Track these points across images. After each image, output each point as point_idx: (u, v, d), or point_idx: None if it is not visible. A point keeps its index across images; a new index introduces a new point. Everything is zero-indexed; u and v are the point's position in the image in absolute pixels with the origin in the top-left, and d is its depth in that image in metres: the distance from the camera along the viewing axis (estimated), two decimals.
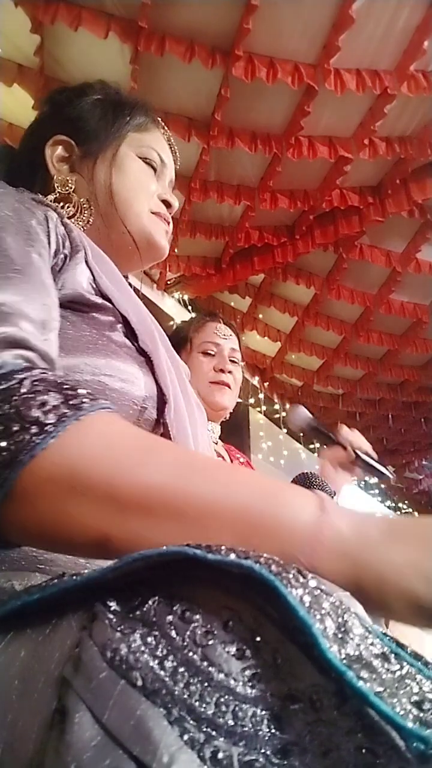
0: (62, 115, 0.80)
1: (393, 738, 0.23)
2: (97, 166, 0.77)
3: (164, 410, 0.61)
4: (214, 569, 0.29)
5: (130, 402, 0.58)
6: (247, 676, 0.26)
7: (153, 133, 0.84)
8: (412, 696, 0.25)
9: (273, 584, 0.27)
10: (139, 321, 0.66)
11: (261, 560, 0.29)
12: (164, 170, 0.84)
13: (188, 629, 0.27)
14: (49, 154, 0.77)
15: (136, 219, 0.77)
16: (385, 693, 0.24)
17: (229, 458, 1.53)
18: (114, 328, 0.64)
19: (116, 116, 0.80)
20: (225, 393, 1.46)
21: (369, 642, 0.27)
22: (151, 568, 0.31)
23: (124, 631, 0.28)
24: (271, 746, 0.24)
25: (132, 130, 0.80)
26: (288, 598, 0.26)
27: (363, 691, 0.24)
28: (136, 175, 0.79)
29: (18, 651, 0.34)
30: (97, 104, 0.81)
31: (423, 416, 5.60)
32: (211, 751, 0.24)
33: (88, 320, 0.62)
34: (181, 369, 0.74)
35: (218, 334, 1.50)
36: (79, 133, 0.78)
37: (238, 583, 0.29)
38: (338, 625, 0.27)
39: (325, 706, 0.24)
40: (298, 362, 5.06)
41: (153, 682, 0.25)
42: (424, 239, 3.54)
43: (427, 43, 2.43)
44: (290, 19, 2.34)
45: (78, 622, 0.32)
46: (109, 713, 0.25)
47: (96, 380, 0.56)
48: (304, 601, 0.27)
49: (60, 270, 0.62)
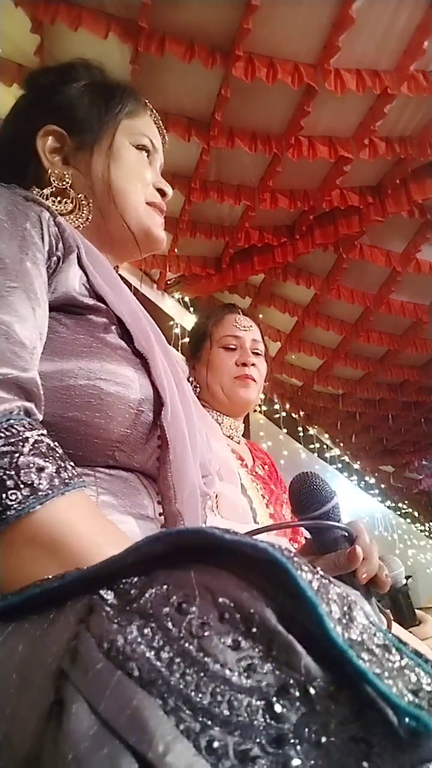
0: (50, 102, 0.77)
1: (387, 724, 0.24)
2: (93, 158, 0.75)
3: (161, 412, 0.61)
4: (226, 551, 0.29)
5: (126, 406, 0.58)
6: (243, 666, 0.26)
7: (144, 118, 0.82)
8: (409, 684, 0.26)
9: (285, 566, 0.27)
10: (134, 322, 0.66)
11: (274, 545, 0.29)
12: (156, 155, 0.83)
13: (184, 621, 0.27)
14: (41, 146, 0.75)
15: (134, 212, 0.77)
16: (384, 675, 0.25)
17: (252, 457, 1.46)
18: (108, 330, 0.63)
19: (108, 104, 0.78)
20: (250, 387, 1.40)
21: (372, 632, 0.27)
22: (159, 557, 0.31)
23: (121, 622, 0.28)
24: (266, 735, 0.24)
25: (124, 118, 0.79)
26: (298, 580, 0.27)
27: (362, 669, 0.24)
28: (133, 166, 0.78)
29: (16, 645, 0.34)
30: (86, 90, 0.78)
31: (423, 416, 5.60)
32: (207, 740, 0.24)
33: (82, 322, 0.62)
34: (178, 369, 0.73)
35: (238, 326, 1.44)
36: (70, 123, 0.76)
37: (246, 569, 0.29)
38: (343, 612, 0.27)
39: (320, 695, 0.25)
40: (298, 362, 5.06)
41: (149, 672, 0.26)
42: (424, 239, 3.54)
43: (427, 43, 2.43)
44: (290, 19, 2.34)
45: (75, 615, 0.33)
46: (105, 703, 0.25)
47: (91, 385, 0.56)
48: (313, 585, 0.27)
49: (53, 272, 0.62)
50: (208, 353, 1.43)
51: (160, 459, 0.62)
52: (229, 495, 1.20)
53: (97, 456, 0.58)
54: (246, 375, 1.40)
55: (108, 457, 0.59)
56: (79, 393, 0.55)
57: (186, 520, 0.64)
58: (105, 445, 0.58)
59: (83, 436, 0.56)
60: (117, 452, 0.59)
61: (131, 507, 0.60)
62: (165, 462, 0.61)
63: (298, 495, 0.82)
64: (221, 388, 1.40)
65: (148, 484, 0.64)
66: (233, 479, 1.26)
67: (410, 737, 0.23)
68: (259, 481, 1.38)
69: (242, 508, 1.22)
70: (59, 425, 0.55)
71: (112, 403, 0.57)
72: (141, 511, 0.61)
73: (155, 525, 0.62)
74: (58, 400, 0.55)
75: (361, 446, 6.46)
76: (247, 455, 1.45)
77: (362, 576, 0.74)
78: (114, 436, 0.57)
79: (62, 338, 0.58)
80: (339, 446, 6.48)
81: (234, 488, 1.25)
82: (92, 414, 0.56)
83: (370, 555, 0.76)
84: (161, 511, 0.63)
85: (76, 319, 0.61)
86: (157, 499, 0.64)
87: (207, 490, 0.72)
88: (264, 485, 1.37)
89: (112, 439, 0.58)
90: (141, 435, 0.60)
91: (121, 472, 0.61)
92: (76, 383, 0.55)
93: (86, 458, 0.58)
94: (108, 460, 0.59)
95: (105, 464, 0.59)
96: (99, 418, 0.56)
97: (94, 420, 0.56)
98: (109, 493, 0.59)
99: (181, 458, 0.63)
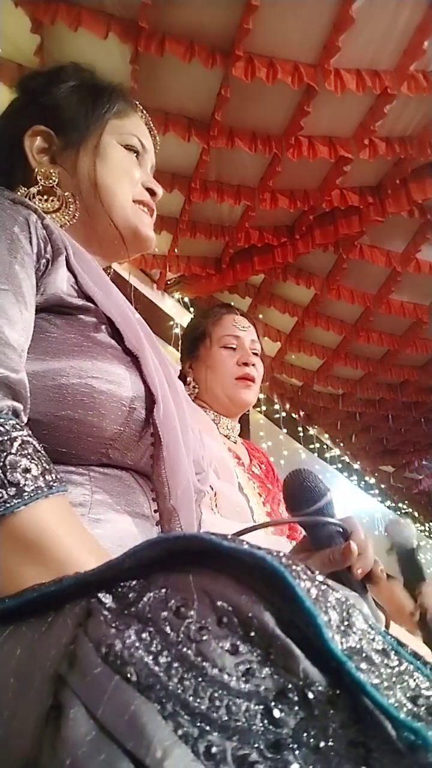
0: (38, 104, 0.78)
1: (386, 730, 0.23)
2: (79, 157, 0.76)
3: (153, 410, 0.61)
4: (223, 558, 0.29)
5: (119, 403, 0.58)
6: (241, 671, 0.26)
7: (132, 119, 0.82)
8: (407, 691, 0.25)
9: (282, 575, 0.27)
10: (124, 321, 0.66)
11: (273, 553, 0.29)
12: (146, 156, 0.83)
13: (183, 625, 0.27)
14: (28, 146, 0.75)
15: (121, 210, 0.77)
16: (382, 685, 0.24)
17: (248, 456, 1.47)
18: (99, 329, 0.63)
19: (95, 104, 0.78)
20: (251, 389, 1.41)
21: (370, 637, 0.27)
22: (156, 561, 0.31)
23: (119, 627, 0.28)
24: (265, 740, 0.24)
25: (112, 117, 0.78)
26: (296, 589, 0.27)
27: (360, 680, 0.24)
28: (120, 164, 0.78)
29: (14, 649, 0.34)
30: (74, 91, 0.78)
31: (423, 416, 5.59)
32: (205, 745, 0.24)
33: (72, 322, 0.62)
34: (169, 367, 0.74)
35: (237, 326, 1.45)
36: (58, 123, 0.76)
37: (244, 573, 0.29)
38: (342, 618, 0.27)
39: (319, 700, 0.25)
40: (298, 362, 5.06)
41: (147, 677, 0.26)
42: (424, 239, 3.54)
43: (427, 43, 2.42)
44: (290, 19, 2.34)
45: (74, 619, 0.32)
46: (103, 708, 0.25)
47: (83, 383, 0.56)
48: (311, 593, 0.27)
49: (42, 275, 0.62)
50: (207, 352, 1.44)
51: (153, 456, 0.63)
52: (228, 493, 1.21)
53: (90, 454, 0.59)
54: (248, 376, 1.40)
55: (102, 455, 0.59)
56: (72, 391, 0.56)
57: (181, 516, 0.64)
58: (98, 443, 0.58)
59: (76, 435, 0.57)
60: (110, 450, 0.59)
61: (126, 505, 0.60)
62: (158, 459, 0.62)
63: (291, 492, 0.83)
64: (222, 388, 1.40)
65: (142, 482, 0.64)
66: (230, 478, 1.27)
67: (409, 751, 0.23)
68: (256, 480, 1.39)
69: (240, 506, 1.23)
70: (52, 424, 0.55)
71: (104, 401, 0.57)
72: (136, 509, 0.61)
73: (150, 523, 0.63)
74: (50, 399, 0.55)
75: (361, 446, 6.45)
76: (243, 454, 1.45)
77: (357, 571, 0.74)
78: (107, 433, 0.58)
79: (53, 338, 0.59)
80: (339, 446, 6.47)
81: (231, 487, 1.25)
82: (85, 412, 0.56)
83: (364, 550, 0.76)
84: (156, 509, 0.64)
85: (67, 320, 0.62)
86: (151, 496, 0.64)
87: (201, 486, 0.73)
88: (260, 484, 1.39)
89: (105, 437, 0.58)
90: (134, 433, 0.60)
91: (115, 470, 0.62)
92: (68, 382, 0.56)
93: (80, 457, 0.58)
94: (102, 459, 0.60)
95: (99, 463, 0.60)
96: (92, 416, 0.57)
97: (87, 418, 0.56)
98: (103, 491, 0.59)
99: (174, 455, 0.64)
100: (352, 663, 0.24)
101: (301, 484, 0.82)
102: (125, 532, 0.58)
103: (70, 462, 0.58)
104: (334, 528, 0.79)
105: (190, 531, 0.67)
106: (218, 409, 1.43)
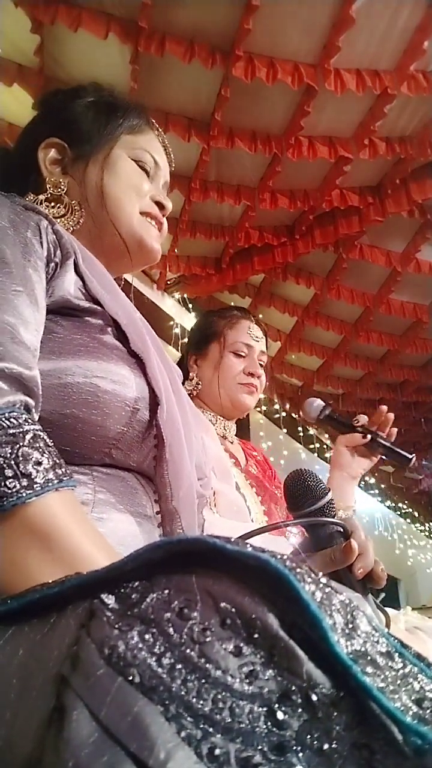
0: (55, 118, 0.81)
1: (390, 733, 0.23)
2: (88, 167, 0.78)
3: (157, 411, 0.62)
4: (226, 560, 0.29)
5: (123, 404, 0.59)
6: (245, 672, 0.26)
7: (146, 135, 0.84)
8: (413, 694, 0.25)
9: (287, 578, 0.27)
10: (130, 323, 0.67)
11: (276, 556, 0.29)
12: (158, 172, 0.84)
13: (186, 626, 0.27)
14: (42, 157, 0.78)
15: (127, 221, 0.78)
16: (388, 689, 0.24)
17: (245, 456, 1.49)
18: (105, 331, 0.65)
19: (109, 118, 0.80)
20: (253, 395, 1.46)
21: (375, 640, 0.27)
22: (159, 563, 0.31)
23: (122, 628, 0.28)
24: (268, 743, 0.24)
25: (125, 132, 0.81)
26: (301, 593, 0.27)
27: (366, 685, 0.24)
28: (129, 175, 0.79)
29: (16, 650, 0.34)
30: (90, 106, 0.81)
31: (423, 416, 5.59)
32: (208, 747, 0.24)
33: (79, 324, 0.63)
34: (173, 371, 0.75)
35: (251, 335, 1.48)
36: (72, 136, 0.79)
37: (247, 575, 0.29)
38: (347, 621, 0.27)
39: (322, 702, 0.25)
40: (298, 362, 5.06)
41: (150, 679, 0.26)
42: (424, 239, 3.54)
43: (427, 43, 2.42)
44: (290, 19, 2.34)
45: (76, 620, 0.32)
46: (106, 710, 0.25)
47: (88, 382, 0.57)
48: (315, 597, 0.27)
49: (51, 277, 0.64)
50: (218, 354, 1.45)
51: (156, 458, 0.63)
52: (226, 493, 1.23)
53: (94, 453, 0.59)
54: (252, 384, 1.44)
55: (105, 455, 0.60)
56: (77, 390, 0.57)
57: (182, 518, 0.65)
58: (102, 443, 0.59)
59: (80, 433, 0.57)
60: (114, 450, 0.60)
61: (129, 505, 0.61)
62: (161, 460, 0.63)
63: (292, 492, 0.84)
64: (225, 390, 1.42)
65: (145, 483, 0.65)
66: (227, 478, 1.29)
67: (416, 755, 0.23)
68: (253, 479, 1.41)
69: (237, 505, 1.24)
70: (57, 422, 0.56)
71: (108, 401, 0.58)
72: (138, 509, 0.62)
73: (152, 523, 0.63)
74: (56, 397, 0.56)
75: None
76: (240, 455, 1.48)
77: (358, 571, 0.74)
78: (110, 433, 0.59)
79: (60, 338, 0.60)
80: None
81: (229, 486, 1.27)
82: (89, 411, 0.57)
83: (365, 550, 0.77)
84: (158, 510, 0.65)
85: (73, 321, 0.63)
86: (154, 497, 0.65)
87: (203, 491, 0.73)
88: (257, 483, 1.40)
89: (108, 437, 0.59)
90: (137, 433, 0.61)
91: (118, 471, 0.62)
92: (73, 381, 0.57)
93: (84, 456, 0.59)
94: (105, 458, 0.60)
95: (102, 463, 0.61)
96: (96, 415, 0.57)
97: (91, 417, 0.57)
98: (106, 491, 0.60)
99: (177, 457, 0.64)
100: (358, 667, 0.24)
101: (302, 485, 0.83)
102: (127, 532, 0.59)
103: (74, 461, 0.58)
104: (334, 528, 0.79)
105: (191, 532, 0.67)
106: (217, 410, 1.45)
